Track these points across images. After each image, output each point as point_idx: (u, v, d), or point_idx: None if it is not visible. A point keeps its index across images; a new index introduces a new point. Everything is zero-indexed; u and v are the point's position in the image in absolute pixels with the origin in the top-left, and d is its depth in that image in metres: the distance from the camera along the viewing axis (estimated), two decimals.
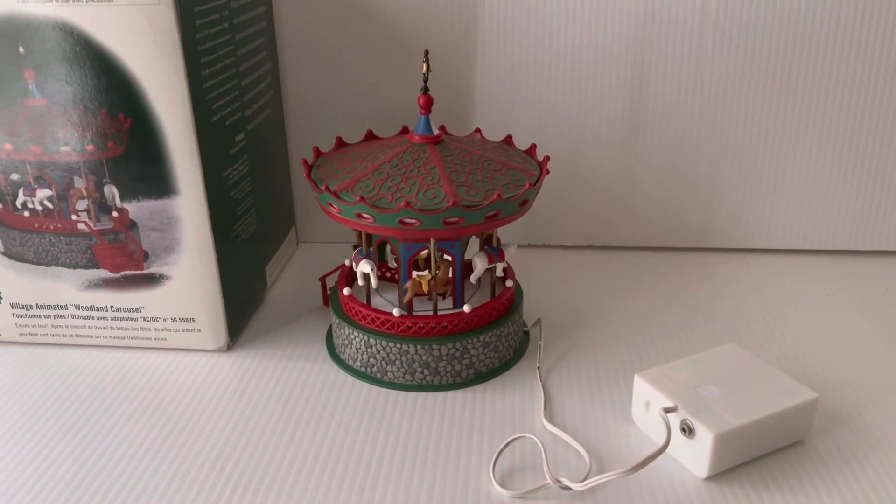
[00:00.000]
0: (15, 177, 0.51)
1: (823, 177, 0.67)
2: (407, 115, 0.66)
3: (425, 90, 0.50)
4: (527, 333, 0.57)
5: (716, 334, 0.58)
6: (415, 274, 0.51)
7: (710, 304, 0.62)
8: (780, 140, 0.66)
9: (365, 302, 0.53)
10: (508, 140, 0.57)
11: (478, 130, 0.58)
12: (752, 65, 0.64)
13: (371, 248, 0.53)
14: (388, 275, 0.58)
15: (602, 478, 0.40)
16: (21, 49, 0.48)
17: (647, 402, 0.46)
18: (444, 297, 0.53)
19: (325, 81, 0.67)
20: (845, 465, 0.44)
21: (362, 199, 0.46)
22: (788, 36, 0.63)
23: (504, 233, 0.69)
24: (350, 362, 0.53)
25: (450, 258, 0.51)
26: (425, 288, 0.51)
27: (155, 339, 0.55)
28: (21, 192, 0.52)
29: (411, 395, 0.51)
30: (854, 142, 0.66)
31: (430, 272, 0.50)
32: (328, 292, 0.61)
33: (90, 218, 0.52)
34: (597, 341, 0.57)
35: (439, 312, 0.51)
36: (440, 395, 0.51)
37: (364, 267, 0.51)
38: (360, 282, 0.52)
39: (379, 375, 0.52)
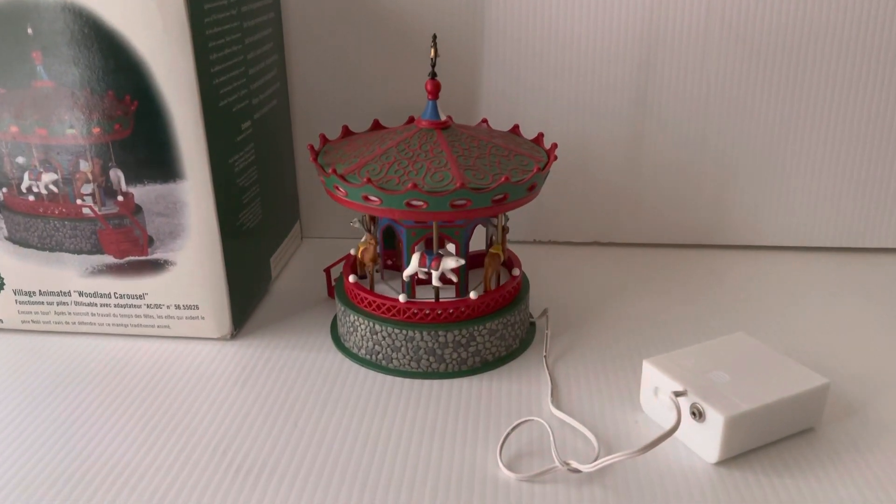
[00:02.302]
0: (20, 160, 0.51)
1: (831, 174, 0.67)
2: (413, 109, 0.66)
3: (433, 75, 0.50)
4: (533, 325, 0.57)
5: (724, 327, 0.57)
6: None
7: (718, 298, 0.61)
8: (787, 137, 0.66)
9: (435, 300, 0.51)
10: (515, 130, 0.57)
11: (484, 121, 0.58)
12: (758, 61, 0.64)
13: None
14: (389, 262, 0.57)
15: (611, 458, 0.40)
16: (30, 30, 0.48)
17: (655, 388, 0.45)
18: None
19: (332, 75, 0.67)
20: (857, 452, 0.44)
21: (369, 180, 0.46)
22: (794, 32, 0.63)
23: (510, 226, 0.69)
24: (355, 350, 0.53)
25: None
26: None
27: (158, 326, 0.55)
28: (26, 175, 0.52)
29: (416, 382, 0.50)
30: (862, 139, 0.66)
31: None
32: (333, 283, 0.61)
33: (95, 202, 0.52)
34: (604, 333, 0.56)
35: (444, 300, 0.51)
36: (446, 382, 0.50)
37: (451, 263, 0.49)
38: (437, 283, 0.50)
39: (384, 363, 0.51)
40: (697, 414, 0.42)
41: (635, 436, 0.45)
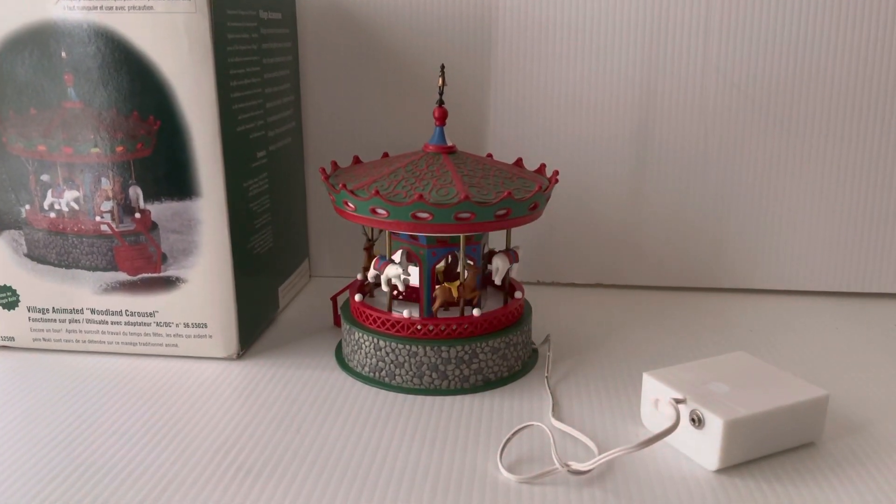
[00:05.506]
0: (45, 178, 0.54)
1: (827, 218, 0.69)
2: None
3: (441, 103, 0.53)
4: (535, 352, 0.57)
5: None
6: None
7: (718, 336, 0.62)
8: (783, 181, 0.68)
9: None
10: (519, 162, 0.59)
11: (489, 155, 0.60)
12: (754, 107, 0.67)
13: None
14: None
15: (610, 454, 0.40)
16: (64, 54, 0.51)
17: (656, 399, 0.46)
18: (472, 304, 0.53)
19: (345, 121, 0.70)
20: (860, 465, 0.43)
21: (377, 193, 0.48)
22: (788, 78, 0.66)
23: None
24: (359, 369, 0.53)
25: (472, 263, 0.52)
26: (455, 294, 0.51)
27: (166, 345, 0.56)
28: (49, 192, 0.54)
29: (419, 398, 0.51)
30: (857, 184, 0.68)
31: (460, 279, 0.51)
32: (339, 312, 0.62)
33: (113, 219, 0.54)
34: (605, 359, 0.57)
35: (447, 317, 0.52)
36: (448, 398, 0.51)
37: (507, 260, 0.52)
38: (498, 281, 0.53)
39: (387, 380, 0.52)
40: (697, 421, 0.43)
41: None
